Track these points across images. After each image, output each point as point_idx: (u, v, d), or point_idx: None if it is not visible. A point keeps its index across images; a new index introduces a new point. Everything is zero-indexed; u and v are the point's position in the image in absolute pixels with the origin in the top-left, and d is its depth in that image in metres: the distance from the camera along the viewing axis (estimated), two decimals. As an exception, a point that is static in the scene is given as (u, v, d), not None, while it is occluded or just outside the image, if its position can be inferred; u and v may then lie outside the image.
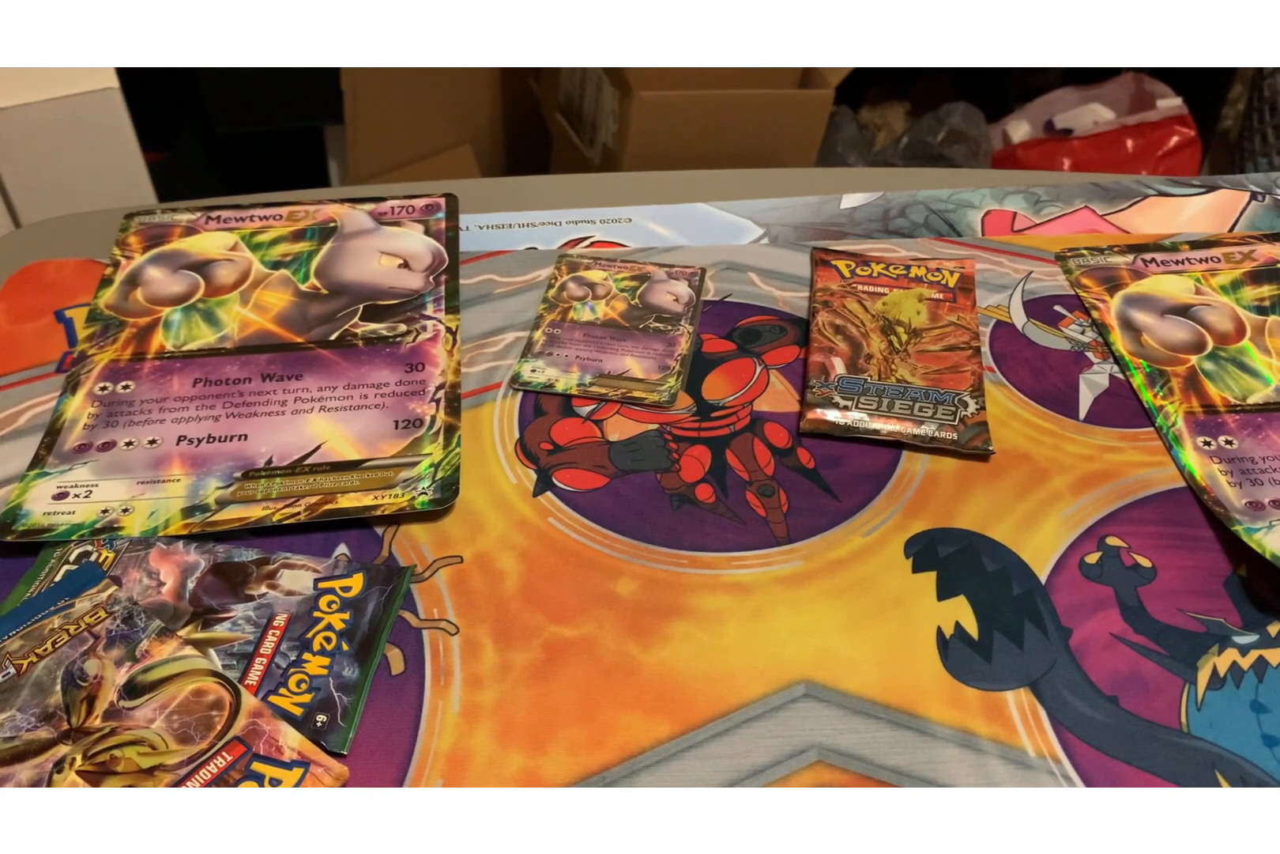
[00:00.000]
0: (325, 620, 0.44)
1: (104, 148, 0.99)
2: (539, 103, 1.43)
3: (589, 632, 0.45)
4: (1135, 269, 0.62)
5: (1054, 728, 0.42)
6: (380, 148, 1.33)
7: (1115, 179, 0.70)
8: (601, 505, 0.50)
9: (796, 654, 0.44)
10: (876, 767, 0.41)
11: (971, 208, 0.67)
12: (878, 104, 1.60)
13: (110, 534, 0.47)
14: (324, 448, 0.51)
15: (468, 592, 0.46)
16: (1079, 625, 0.45)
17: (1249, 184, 0.70)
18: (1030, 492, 0.51)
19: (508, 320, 0.59)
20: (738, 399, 0.55)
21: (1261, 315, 0.59)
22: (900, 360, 0.56)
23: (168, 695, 0.41)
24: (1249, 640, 0.45)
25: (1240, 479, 0.51)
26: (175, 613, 0.44)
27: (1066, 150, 1.46)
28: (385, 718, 0.42)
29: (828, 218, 0.67)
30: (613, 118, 1.22)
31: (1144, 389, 0.55)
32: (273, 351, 0.56)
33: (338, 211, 0.65)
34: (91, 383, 0.54)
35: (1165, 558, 0.48)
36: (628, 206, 0.67)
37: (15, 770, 0.38)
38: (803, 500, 0.50)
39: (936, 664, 0.44)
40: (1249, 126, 1.53)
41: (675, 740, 0.41)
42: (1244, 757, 0.41)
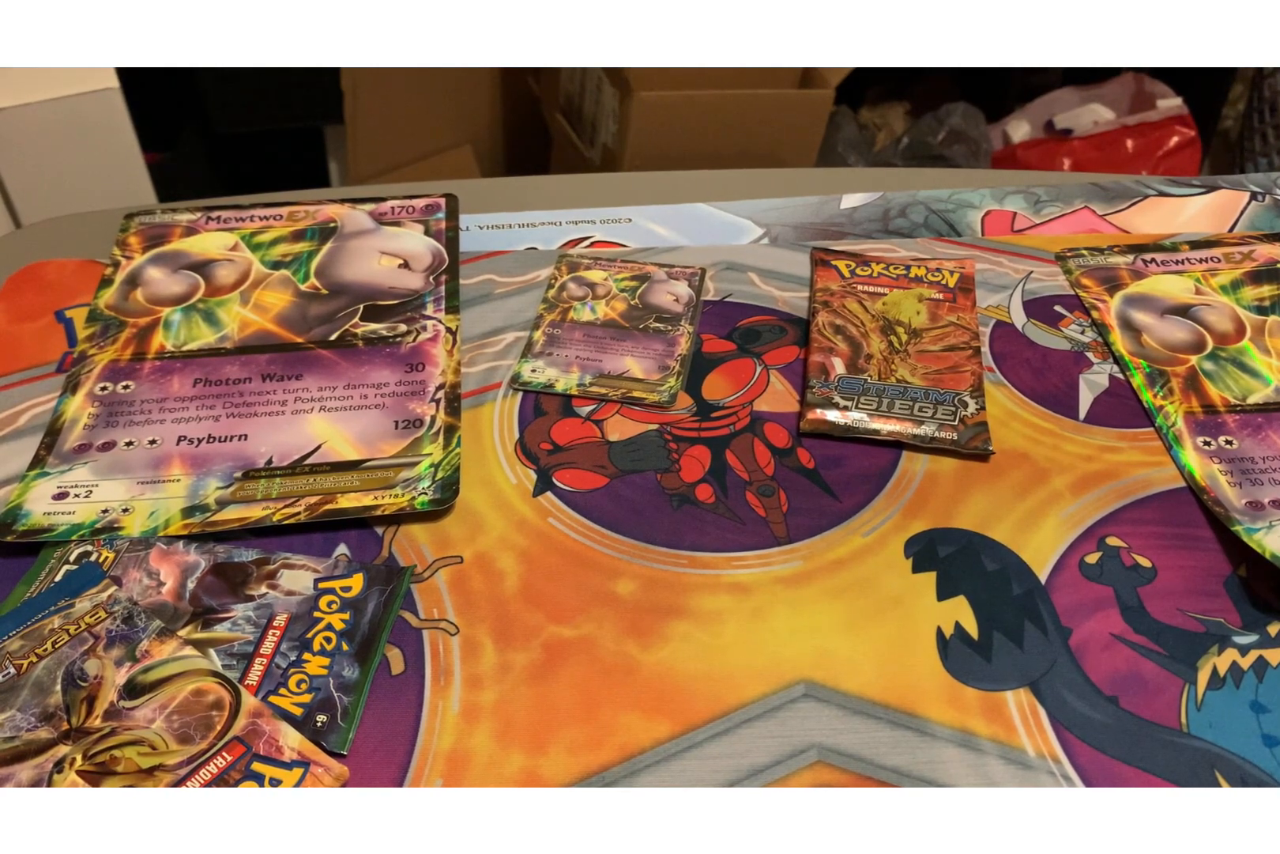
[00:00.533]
0: (325, 620, 0.44)
1: (104, 148, 0.99)
2: (539, 103, 1.43)
3: (589, 632, 0.45)
4: (1135, 269, 0.62)
5: (1054, 728, 0.42)
6: (380, 148, 1.33)
7: (1115, 179, 0.70)
8: (601, 505, 0.50)
9: (796, 654, 0.44)
10: (876, 767, 0.41)
11: (971, 208, 0.67)
12: (878, 104, 1.61)
13: (110, 534, 0.47)
14: (324, 448, 0.51)
15: (468, 592, 0.46)
16: (1079, 625, 0.45)
17: (1249, 184, 0.70)
18: (1030, 492, 0.51)
19: (508, 320, 0.59)
20: (738, 399, 0.55)
21: (1261, 315, 0.60)
22: (900, 360, 0.56)
23: (168, 695, 0.41)
24: (1249, 640, 0.45)
25: (1240, 479, 0.51)
26: (175, 613, 0.44)
27: (1066, 150, 1.46)
28: (385, 718, 0.42)
29: (828, 218, 0.67)
30: (613, 118, 1.22)
31: (1144, 389, 0.55)
32: (273, 352, 0.56)
33: (338, 211, 0.65)
34: (91, 383, 0.54)
35: (1165, 558, 0.48)
36: (628, 206, 0.67)
37: (15, 770, 0.38)
38: (803, 500, 0.50)
39: (936, 664, 0.44)
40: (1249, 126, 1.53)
41: (675, 740, 0.41)
42: (1244, 757, 0.41)
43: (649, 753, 0.41)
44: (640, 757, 0.41)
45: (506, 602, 0.46)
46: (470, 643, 0.44)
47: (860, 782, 0.40)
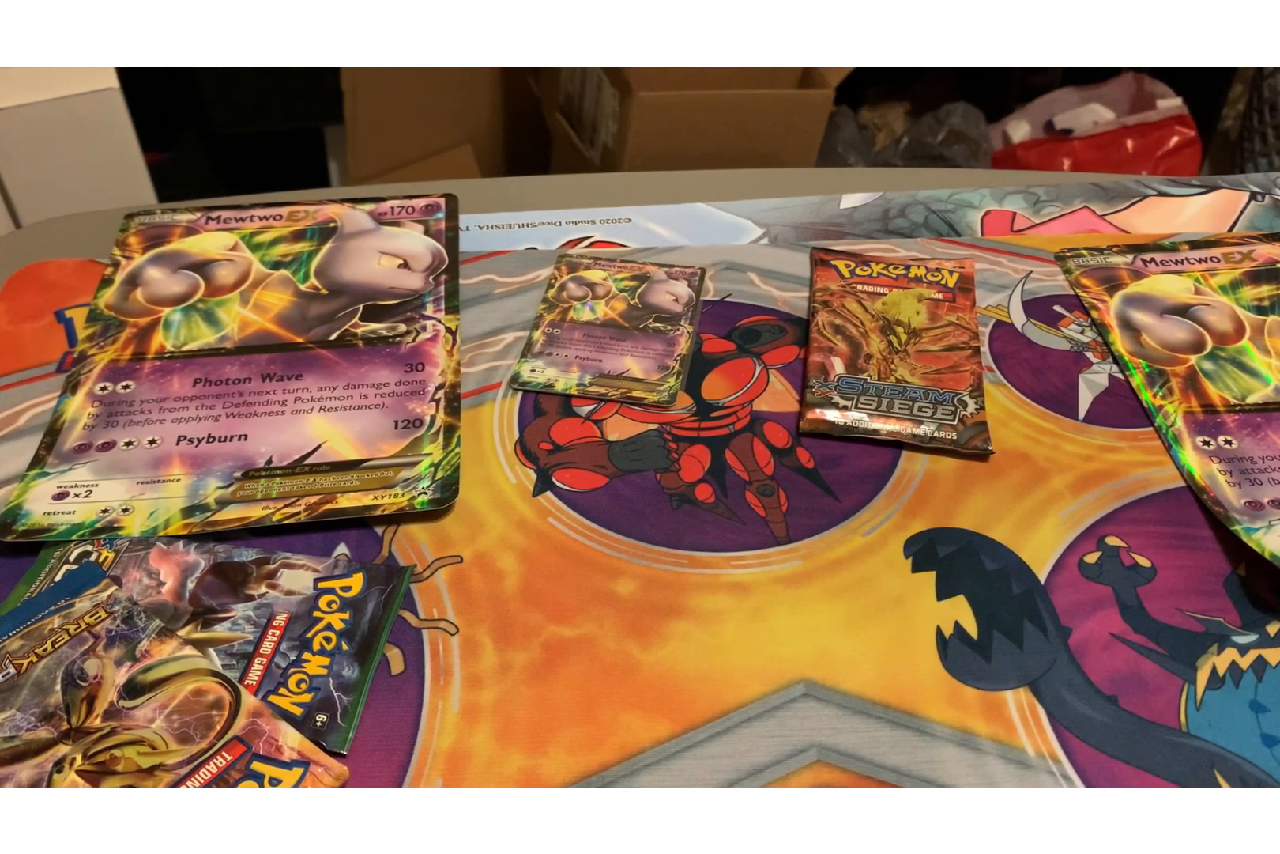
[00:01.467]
0: (325, 620, 0.44)
1: (104, 148, 0.99)
2: (539, 103, 1.43)
3: (589, 631, 0.45)
4: (1135, 269, 0.63)
5: (1053, 728, 0.42)
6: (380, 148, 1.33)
7: (1115, 179, 0.70)
8: (601, 505, 0.50)
9: (796, 654, 0.44)
10: (876, 766, 0.41)
11: (971, 208, 0.67)
12: (878, 104, 1.61)
13: (110, 534, 0.47)
14: (324, 448, 0.51)
15: (467, 591, 0.46)
16: (1078, 625, 0.45)
17: (1248, 184, 0.70)
18: (1030, 491, 0.51)
19: (508, 320, 0.59)
20: (737, 399, 0.55)
21: (1261, 315, 0.60)
22: (900, 360, 0.56)
23: (168, 695, 0.41)
24: (1248, 640, 0.45)
25: (1239, 479, 0.51)
26: (175, 613, 0.44)
27: (1066, 150, 1.46)
28: (385, 718, 0.42)
29: (827, 218, 0.67)
30: (613, 118, 1.22)
31: (1143, 389, 0.55)
32: (273, 351, 0.56)
33: (338, 211, 0.65)
34: (91, 383, 0.54)
35: (1165, 558, 0.48)
36: (628, 206, 0.67)
37: (15, 770, 0.39)
38: (802, 500, 0.50)
39: (936, 664, 0.44)
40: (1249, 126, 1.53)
41: (675, 740, 0.41)
42: (1243, 756, 0.41)
43: (649, 753, 0.41)
44: (640, 756, 0.41)
45: (506, 601, 0.46)
46: (470, 643, 0.44)
47: (860, 781, 0.40)
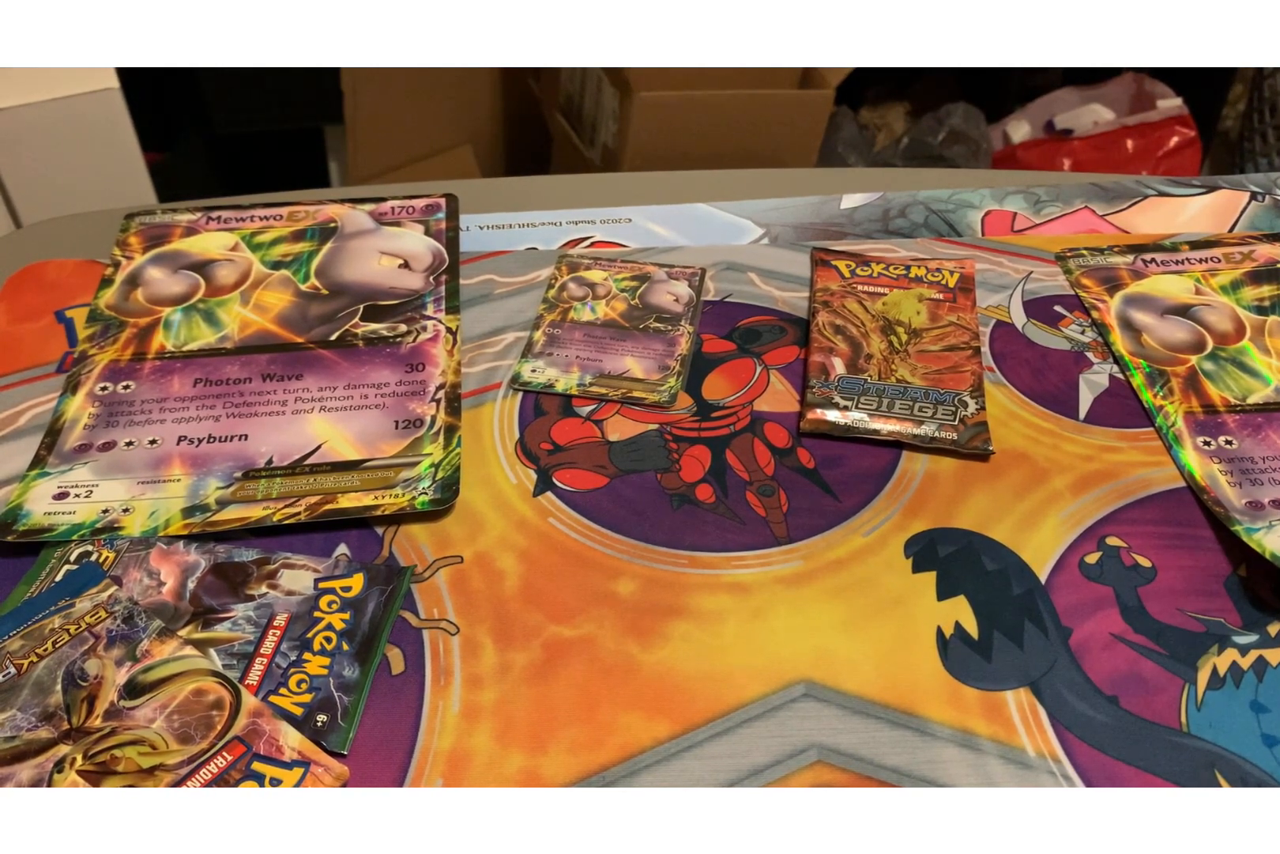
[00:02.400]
0: (325, 620, 0.44)
1: (104, 148, 0.99)
2: (539, 103, 1.43)
3: (589, 631, 0.45)
4: (1135, 269, 0.63)
5: (1054, 728, 0.42)
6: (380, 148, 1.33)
7: (1115, 179, 0.70)
8: (601, 505, 0.50)
9: (796, 654, 0.44)
10: (876, 766, 0.41)
11: (971, 208, 0.67)
12: (878, 104, 1.61)
13: (110, 534, 0.47)
14: (324, 448, 0.51)
15: (468, 592, 0.46)
16: (1079, 625, 0.45)
17: (1249, 184, 0.70)
18: (1030, 491, 0.51)
19: (508, 320, 0.59)
20: (738, 399, 0.55)
21: (1261, 315, 0.60)
22: (900, 360, 0.56)
23: (168, 695, 0.41)
24: (1249, 640, 0.45)
25: (1240, 479, 0.51)
26: (175, 613, 0.44)
27: (1066, 150, 1.46)
28: (385, 718, 0.42)
29: (828, 218, 0.67)
30: (613, 118, 1.22)
31: (1144, 389, 0.55)
32: (273, 352, 0.56)
33: (338, 212, 0.65)
34: (92, 383, 0.54)
35: (1165, 558, 0.48)
36: (628, 207, 0.67)
37: (15, 770, 0.38)
38: (803, 500, 0.50)
39: (936, 664, 0.44)
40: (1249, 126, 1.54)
41: (675, 740, 0.41)
42: (1244, 756, 0.41)
43: (649, 753, 0.41)
44: (640, 756, 0.41)
45: (506, 601, 0.46)
46: (470, 643, 0.44)
47: (860, 781, 0.40)
